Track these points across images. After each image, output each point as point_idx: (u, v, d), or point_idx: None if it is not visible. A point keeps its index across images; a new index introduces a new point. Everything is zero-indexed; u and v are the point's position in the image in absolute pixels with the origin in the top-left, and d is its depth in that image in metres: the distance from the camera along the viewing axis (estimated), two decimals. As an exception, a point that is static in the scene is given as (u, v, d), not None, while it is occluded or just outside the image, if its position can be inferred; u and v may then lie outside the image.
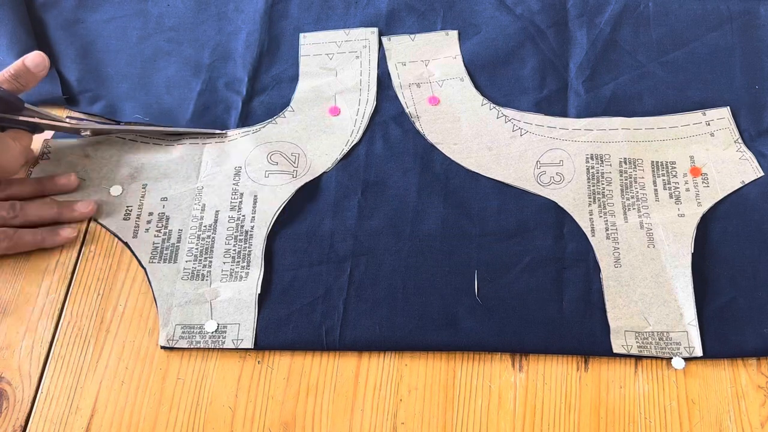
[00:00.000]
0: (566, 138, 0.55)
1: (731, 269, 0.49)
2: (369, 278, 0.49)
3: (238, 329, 0.47)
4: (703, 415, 0.44)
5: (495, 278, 0.49)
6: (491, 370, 0.46)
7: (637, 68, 0.58)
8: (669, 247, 0.49)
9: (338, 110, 0.57)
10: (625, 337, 0.46)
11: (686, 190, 0.52)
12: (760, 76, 0.57)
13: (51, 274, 0.50)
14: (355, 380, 0.46)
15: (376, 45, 0.60)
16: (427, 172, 0.54)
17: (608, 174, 0.53)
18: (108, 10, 0.64)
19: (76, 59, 0.61)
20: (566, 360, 0.47)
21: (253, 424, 0.45)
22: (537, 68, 0.58)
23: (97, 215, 0.53)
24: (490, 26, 0.61)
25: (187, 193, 0.53)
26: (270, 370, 0.47)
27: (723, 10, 0.61)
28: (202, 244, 0.51)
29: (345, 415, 0.45)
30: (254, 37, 0.61)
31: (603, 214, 0.51)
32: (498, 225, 0.51)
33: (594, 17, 0.61)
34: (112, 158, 0.55)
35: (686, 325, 0.47)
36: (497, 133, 0.55)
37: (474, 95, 0.57)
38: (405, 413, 0.45)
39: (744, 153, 0.53)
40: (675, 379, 0.45)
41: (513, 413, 0.45)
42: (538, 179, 0.53)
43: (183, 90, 0.59)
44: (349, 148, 0.55)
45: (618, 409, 0.45)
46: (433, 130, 0.56)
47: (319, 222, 0.52)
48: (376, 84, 0.58)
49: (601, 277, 0.49)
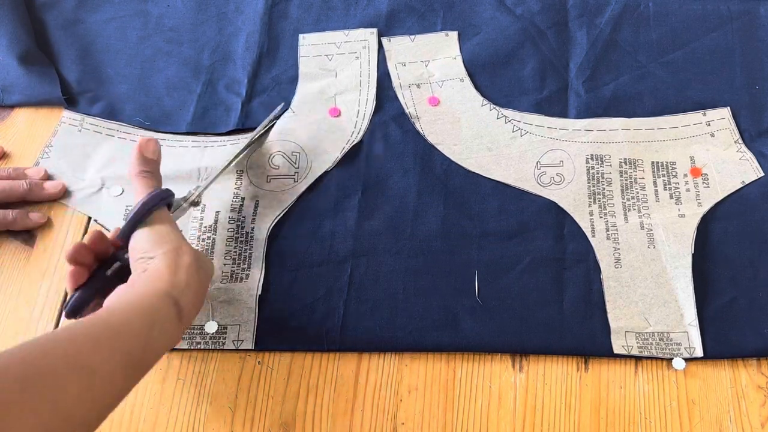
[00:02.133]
0: (566, 138, 0.55)
1: (731, 269, 0.49)
2: (369, 279, 0.49)
3: (239, 330, 0.47)
4: (704, 415, 0.44)
5: (495, 279, 0.49)
6: (491, 370, 0.46)
7: (637, 68, 0.58)
8: (669, 247, 0.49)
9: (338, 111, 0.57)
10: (625, 338, 0.46)
11: (686, 191, 0.52)
12: (760, 76, 0.57)
13: (51, 275, 0.50)
14: (355, 380, 0.46)
15: (376, 45, 0.60)
16: (428, 173, 0.54)
17: (608, 174, 0.53)
18: (108, 10, 0.64)
19: (76, 60, 0.61)
20: (566, 360, 0.46)
21: (253, 424, 0.45)
22: (537, 69, 0.58)
23: (96, 215, 0.53)
24: (490, 27, 0.61)
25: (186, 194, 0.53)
26: (270, 370, 0.47)
27: (723, 10, 0.61)
28: (203, 245, 0.51)
29: (345, 415, 0.45)
30: (254, 38, 0.61)
31: (603, 215, 0.51)
32: (498, 225, 0.51)
33: (594, 18, 0.61)
34: (114, 158, 0.55)
35: (687, 325, 0.47)
36: (497, 133, 0.55)
37: (474, 96, 0.57)
38: (405, 413, 0.45)
39: (744, 153, 0.53)
40: (675, 380, 0.45)
41: (513, 413, 0.45)
42: (539, 180, 0.53)
43: (183, 92, 0.59)
44: (349, 147, 0.55)
45: (618, 410, 0.45)
46: (433, 131, 0.56)
47: (319, 223, 0.52)
48: (375, 84, 0.58)
49: (602, 277, 0.49)
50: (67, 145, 0.56)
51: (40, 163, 0.55)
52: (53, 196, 0.53)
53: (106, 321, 0.33)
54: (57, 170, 0.55)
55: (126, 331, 0.34)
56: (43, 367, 0.29)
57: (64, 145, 0.56)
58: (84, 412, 0.30)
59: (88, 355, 0.31)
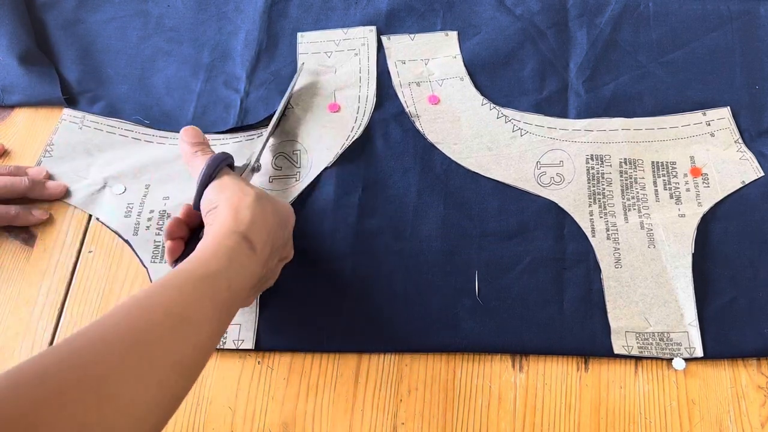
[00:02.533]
0: (566, 138, 0.55)
1: (732, 269, 0.49)
2: (369, 278, 0.49)
3: (239, 330, 0.47)
4: (704, 415, 0.44)
5: (495, 279, 0.49)
6: (491, 370, 0.46)
7: (637, 68, 0.58)
8: (669, 247, 0.49)
9: (338, 107, 0.57)
10: (625, 338, 0.46)
11: (686, 191, 0.52)
12: (761, 76, 0.57)
13: (51, 275, 0.50)
14: (355, 380, 0.46)
15: (375, 43, 0.60)
16: (427, 172, 0.54)
17: (608, 174, 0.53)
18: (108, 10, 0.64)
19: (76, 60, 0.61)
20: (566, 360, 0.47)
21: (253, 424, 0.45)
22: (537, 69, 0.58)
23: (98, 213, 0.53)
24: (490, 27, 0.61)
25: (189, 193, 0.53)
26: (270, 370, 0.47)
27: (723, 10, 0.61)
28: (202, 244, 0.51)
29: (345, 415, 0.45)
30: (253, 35, 0.61)
31: (603, 215, 0.51)
32: (498, 225, 0.51)
33: (594, 17, 0.61)
34: (115, 156, 0.55)
35: (687, 325, 0.47)
36: (497, 133, 0.55)
37: (474, 95, 0.57)
38: (405, 413, 0.45)
39: (744, 153, 0.53)
40: (675, 380, 0.45)
41: (513, 413, 0.45)
42: (539, 180, 0.53)
43: (182, 91, 0.59)
44: (350, 143, 0.55)
45: (618, 410, 0.45)
46: (433, 130, 0.56)
47: (319, 222, 0.52)
48: (375, 81, 0.58)
49: (602, 277, 0.49)
50: (68, 143, 0.56)
51: (42, 162, 0.55)
52: (54, 195, 0.53)
53: (188, 271, 0.36)
54: (59, 169, 0.55)
55: (207, 274, 0.36)
56: (147, 322, 0.32)
57: (66, 143, 0.56)
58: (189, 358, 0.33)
59: (182, 305, 0.34)
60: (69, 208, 0.53)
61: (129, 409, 0.28)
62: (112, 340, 0.30)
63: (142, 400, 0.29)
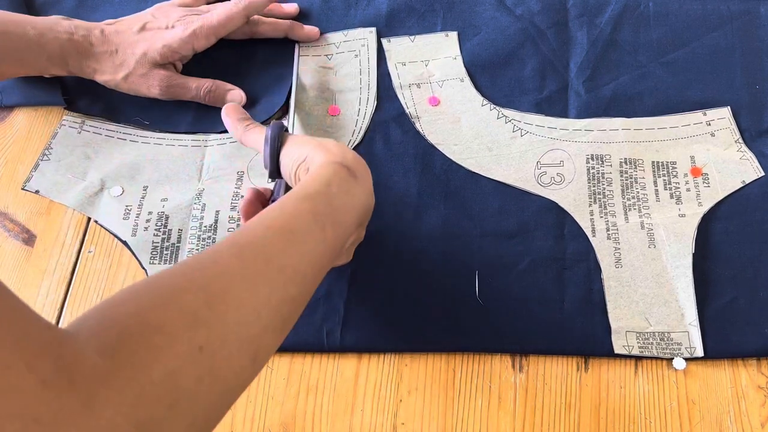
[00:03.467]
0: (567, 138, 0.55)
1: (732, 269, 0.49)
2: (369, 279, 0.49)
3: (238, 330, 0.47)
4: (704, 415, 0.44)
5: (495, 279, 0.49)
6: (491, 370, 0.46)
7: (637, 68, 0.58)
8: (670, 247, 0.49)
9: (338, 110, 0.57)
10: (626, 338, 0.46)
11: (687, 191, 0.52)
12: (761, 76, 0.57)
13: (51, 275, 0.50)
14: (355, 380, 0.46)
15: (375, 44, 0.60)
16: (428, 173, 0.54)
17: (609, 174, 0.53)
18: (108, 10, 0.64)
19: (76, 60, 0.61)
20: (566, 360, 0.46)
21: (253, 424, 0.45)
22: (537, 69, 0.58)
23: (97, 215, 0.53)
24: (490, 27, 0.61)
25: (188, 194, 0.53)
26: (270, 370, 0.47)
27: (723, 10, 0.60)
28: (203, 244, 0.51)
29: (345, 415, 0.45)
30: (254, 37, 0.61)
31: (604, 215, 0.51)
32: (498, 225, 0.51)
33: (594, 17, 0.61)
34: (113, 159, 0.55)
35: (687, 325, 0.46)
36: (497, 133, 0.55)
37: (474, 96, 0.57)
38: (405, 413, 0.45)
39: (745, 153, 0.53)
40: (675, 380, 0.45)
41: (513, 413, 0.45)
42: (539, 180, 0.53)
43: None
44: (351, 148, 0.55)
45: (618, 410, 0.45)
46: (433, 131, 0.56)
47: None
48: (376, 84, 0.58)
49: (602, 277, 0.49)
50: (67, 146, 0.56)
51: (40, 165, 0.55)
52: (311, 38, 0.60)
53: (288, 195, 0.38)
54: (56, 172, 0.54)
55: (307, 194, 0.38)
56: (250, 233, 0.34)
57: (64, 147, 0.56)
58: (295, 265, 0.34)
59: (282, 218, 0.36)
60: (69, 209, 0.53)
61: (239, 307, 0.30)
62: (218, 249, 0.33)
63: (252, 299, 0.31)
